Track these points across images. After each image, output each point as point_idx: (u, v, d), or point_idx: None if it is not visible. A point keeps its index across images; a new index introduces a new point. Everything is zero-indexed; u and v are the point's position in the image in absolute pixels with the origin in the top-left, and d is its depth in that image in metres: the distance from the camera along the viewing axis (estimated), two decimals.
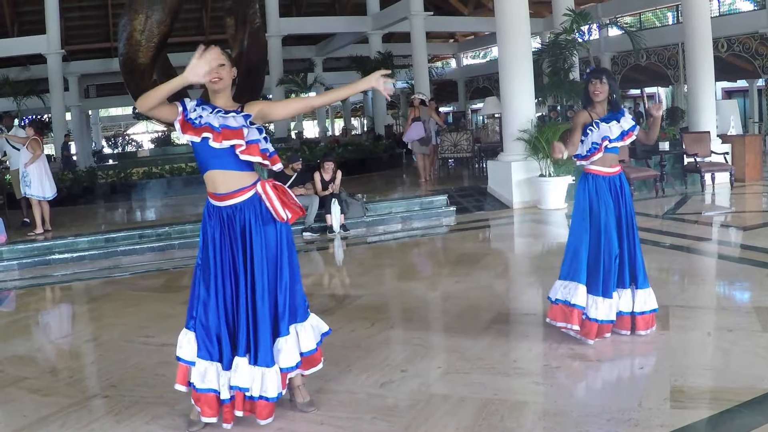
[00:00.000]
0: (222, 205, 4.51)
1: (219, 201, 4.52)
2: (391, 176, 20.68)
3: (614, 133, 5.87)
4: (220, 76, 4.42)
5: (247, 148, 4.44)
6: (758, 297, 7.10)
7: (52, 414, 4.97)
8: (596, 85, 5.90)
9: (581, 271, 5.90)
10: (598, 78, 5.91)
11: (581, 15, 17.96)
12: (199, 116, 4.43)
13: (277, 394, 4.52)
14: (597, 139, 5.88)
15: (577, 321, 5.84)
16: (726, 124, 17.74)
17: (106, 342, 7.00)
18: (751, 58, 25.80)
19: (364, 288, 8.66)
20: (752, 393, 4.60)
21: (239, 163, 4.49)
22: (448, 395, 4.94)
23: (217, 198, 4.52)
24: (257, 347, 4.48)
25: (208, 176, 4.52)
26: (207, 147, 4.42)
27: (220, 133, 4.37)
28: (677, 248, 9.66)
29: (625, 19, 30.56)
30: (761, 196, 14.78)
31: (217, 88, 4.48)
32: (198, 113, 4.45)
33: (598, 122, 5.92)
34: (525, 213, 13.76)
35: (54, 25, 27.74)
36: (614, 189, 5.95)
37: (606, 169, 5.96)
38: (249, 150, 4.44)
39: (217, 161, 4.47)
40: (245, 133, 4.42)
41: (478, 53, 47.57)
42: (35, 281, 10.41)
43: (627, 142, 5.98)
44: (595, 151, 5.89)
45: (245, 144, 4.42)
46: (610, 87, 5.92)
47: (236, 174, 4.50)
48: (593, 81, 5.92)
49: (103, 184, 18.34)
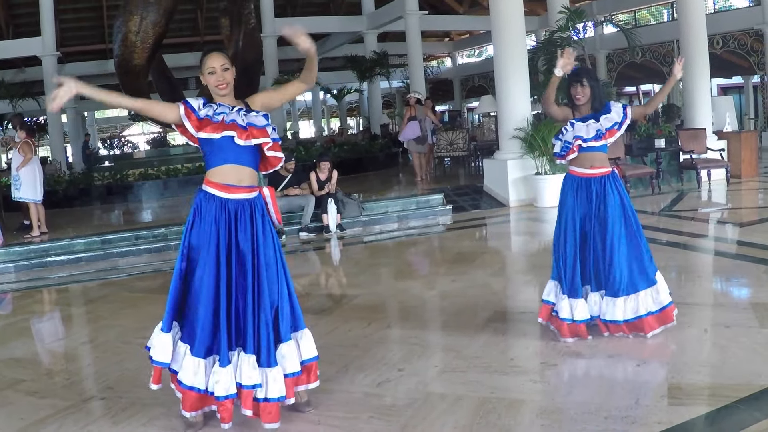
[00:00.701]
0: (230, 197, 4.53)
1: (228, 192, 4.53)
2: (388, 175, 20.71)
3: (589, 133, 5.80)
4: (225, 81, 4.56)
5: (273, 145, 4.59)
6: (755, 293, 7.11)
7: (49, 416, 4.97)
8: (577, 89, 5.86)
9: (553, 269, 6.00)
10: (578, 81, 5.86)
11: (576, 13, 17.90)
12: (222, 113, 4.51)
13: (280, 395, 4.48)
14: (569, 138, 5.86)
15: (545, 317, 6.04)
16: (722, 120, 17.75)
17: (102, 344, 7.00)
18: (747, 54, 25.81)
19: (361, 287, 8.66)
20: (750, 389, 4.60)
21: (253, 162, 4.61)
22: (445, 394, 4.94)
23: (226, 189, 4.53)
24: (259, 347, 4.47)
25: (220, 170, 4.55)
26: (227, 143, 4.49)
27: (246, 130, 4.48)
28: (674, 245, 9.65)
29: (620, 17, 30.50)
30: (757, 192, 14.79)
31: (223, 94, 4.58)
32: (215, 110, 4.53)
33: (572, 122, 5.89)
34: (521, 211, 13.76)
35: (49, 27, 27.67)
36: (590, 191, 5.88)
37: (583, 170, 5.91)
38: (275, 147, 4.60)
39: (234, 156, 4.54)
40: (269, 132, 4.56)
41: (474, 52, 47.52)
42: (32, 283, 10.40)
43: (609, 140, 5.87)
44: (568, 151, 5.88)
45: (272, 141, 4.57)
46: (591, 88, 5.86)
47: (249, 171, 4.60)
48: (574, 85, 5.87)
49: (99, 185, 18.31)
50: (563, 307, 5.81)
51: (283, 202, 12.54)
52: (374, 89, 32.71)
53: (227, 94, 4.59)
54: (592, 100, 5.89)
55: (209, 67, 4.54)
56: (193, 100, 4.58)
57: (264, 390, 4.46)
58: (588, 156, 5.86)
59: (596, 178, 5.88)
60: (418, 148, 17.69)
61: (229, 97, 4.62)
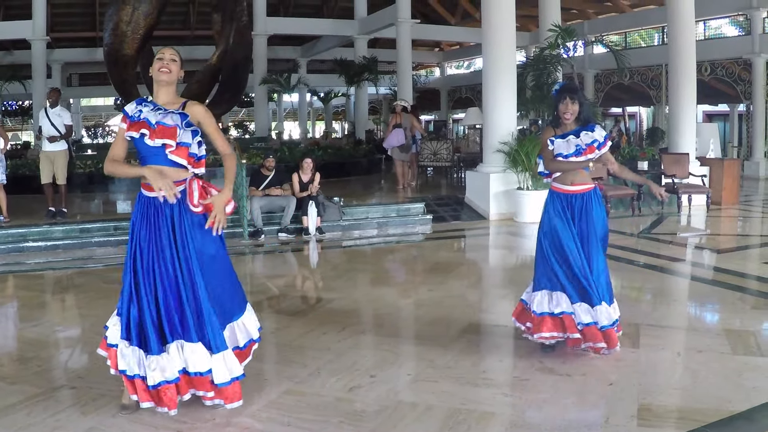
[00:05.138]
0: (153, 195, 4.60)
1: (150, 191, 4.61)
2: (370, 181, 20.72)
3: (569, 149, 5.81)
4: (169, 69, 4.66)
5: (177, 149, 4.58)
6: (729, 320, 7.15)
7: (18, 402, 4.95)
8: (567, 105, 5.82)
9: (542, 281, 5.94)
10: (569, 97, 5.82)
11: (567, 31, 17.99)
12: (140, 111, 4.62)
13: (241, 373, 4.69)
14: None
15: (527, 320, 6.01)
16: (705, 146, 17.85)
17: (75, 333, 6.97)
18: (734, 82, 25.96)
19: (337, 292, 8.64)
20: (719, 414, 4.62)
21: (176, 162, 4.64)
22: (416, 403, 4.94)
23: (149, 188, 4.61)
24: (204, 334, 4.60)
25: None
26: (143, 143, 4.59)
27: (155, 130, 4.54)
28: (651, 267, 9.70)
29: (610, 38, 30.69)
30: (737, 219, 14.89)
31: (164, 79, 4.68)
32: (138, 109, 4.63)
33: (553, 139, 5.89)
34: (501, 225, 13.79)
35: (40, 11, 27.53)
36: (572, 207, 5.88)
37: (564, 186, 5.92)
38: (178, 151, 4.59)
39: (153, 158, 4.62)
40: (178, 134, 4.57)
41: (463, 63, 47.64)
42: (7, 268, 10.32)
43: (588, 157, 5.82)
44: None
45: (175, 145, 4.57)
46: (580, 105, 5.85)
47: (171, 170, 4.63)
48: (564, 100, 5.83)
49: (80, 174, 18.18)
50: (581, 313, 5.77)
51: (265, 201, 12.54)
52: (361, 94, 32.71)
53: (168, 81, 4.69)
54: (578, 117, 5.88)
55: (160, 53, 4.71)
56: (128, 106, 4.71)
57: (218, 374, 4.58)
58: (570, 173, 5.88)
59: (578, 195, 5.89)
60: (402, 156, 17.70)
61: (168, 95, 4.72)
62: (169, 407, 4.55)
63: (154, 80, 4.71)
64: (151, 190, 4.58)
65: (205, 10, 31.42)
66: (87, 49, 37.44)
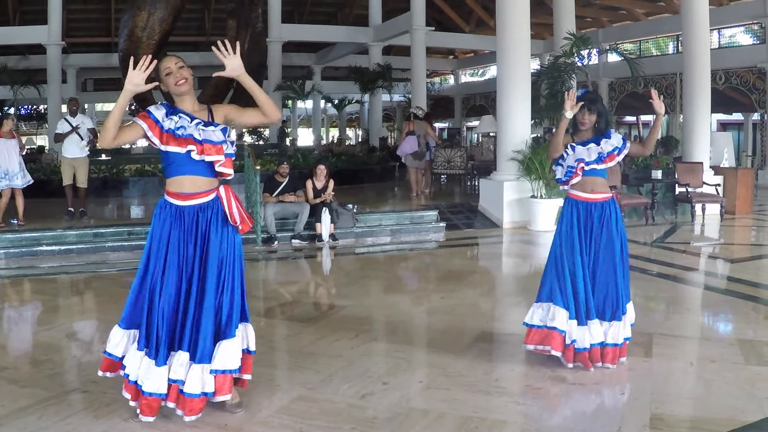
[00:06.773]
0: (185, 204, 4.62)
1: (183, 200, 4.63)
2: (383, 188, 20.70)
3: (591, 156, 5.76)
4: (184, 77, 4.60)
5: (225, 161, 4.61)
6: (742, 330, 7.13)
7: (30, 405, 4.96)
8: (584, 115, 5.79)
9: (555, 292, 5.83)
10: (588, 108, 5.78)
11: (582, 39, 18.01)
12: (181, 126, 4.56)
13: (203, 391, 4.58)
14: (572, 162, 5.81)
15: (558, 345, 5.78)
16: (719, 156, 17.80)
17: (88, 337, 6.99)
18: (748, 91, 25.90)
19: (350, 298, 8.64)
20: (731, 425, 4.61)
21: (210, 171, 4.66)
22: (427, 410, 4.94)
23: (181, 197, 4.64)
24: (197, 345, 4.56)
25: (177, 180, 4.66)
26: (185, 156, 4.57)
27: (203, 146, 4.53)
28: (664, 276, 9.67)
29: (625, 46, 30.66)
30: (750, 229, 14.83)
31: (183, 90, 4.63)
32: (176, 123, 4.58)
33: (573, 145, 5.86)
34: (514, 233, 13.78)
35: (56, 16, 27.66)
36: (591, 215, 5.83)
37: (585, 194, 5.85)
38: (226, 163, 4.63)
39: (191, 168, 4.62)
40: (225, 149, 4.59)
41: (477, 71, 47.63)
42: (21, 272, 10.37)
43: (609, 164, 5.81)
44: (572, 175, 5.82)
45: (224, 158, 4.59)
46: (598, 114, 5.83)
47: (206, 179, 4.67)
48: (582, 110, 5.79)
49: (95, 178, 18.22)
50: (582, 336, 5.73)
51: (278, 208, 12.55)
52: (375, 101, 32.72)
53: (187, 91, 4.65)
54: (597, 124, 5.87)
55: (165, 68, 4.62)
56: (155, 109, 4.64)
57: (189, 384, 4.54)
58: (589, 180, 5.83)
59: (597, 203, 5.84)
60: (415, 164, 17.68)
61: (190, 99, 4.70)
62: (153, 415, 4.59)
63: (173, 94, 4.66)
64: (180, 198, 4.61)
65: (221, 16, 31.47)
66: (102, 54, 37.60)
